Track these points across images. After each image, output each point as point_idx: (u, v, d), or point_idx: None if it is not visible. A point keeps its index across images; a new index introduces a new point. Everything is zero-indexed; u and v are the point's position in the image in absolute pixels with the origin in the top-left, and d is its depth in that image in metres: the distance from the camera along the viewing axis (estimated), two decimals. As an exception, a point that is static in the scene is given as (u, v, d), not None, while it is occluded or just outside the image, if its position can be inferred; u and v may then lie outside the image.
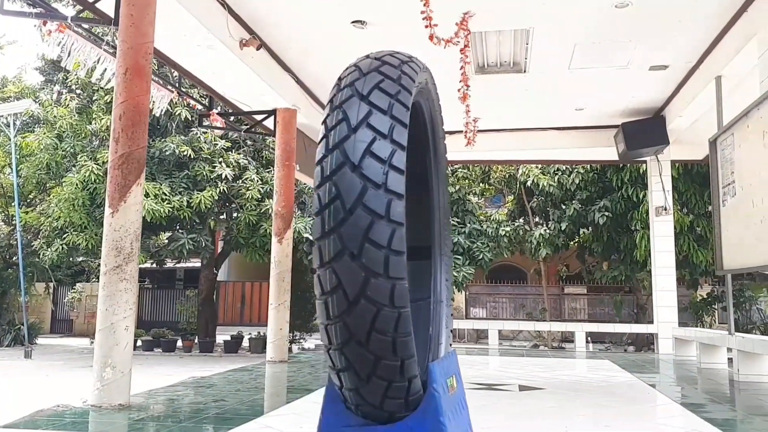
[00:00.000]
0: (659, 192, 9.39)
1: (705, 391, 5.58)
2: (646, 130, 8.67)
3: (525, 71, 7.22)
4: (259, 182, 12.64)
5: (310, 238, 13.53)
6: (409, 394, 1.44)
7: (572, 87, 7.81)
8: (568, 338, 15.94)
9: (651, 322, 12.37)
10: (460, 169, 14.67)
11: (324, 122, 1.48)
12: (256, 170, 12.93)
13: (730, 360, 7.17)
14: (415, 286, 1.78)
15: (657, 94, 8.06)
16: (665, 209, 9.37)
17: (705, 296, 14.70)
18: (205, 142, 12.36)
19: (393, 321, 1.36)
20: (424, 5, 4.77)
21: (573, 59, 6.90)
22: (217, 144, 12.46)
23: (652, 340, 13.90)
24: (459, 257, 13.07)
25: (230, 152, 12.80)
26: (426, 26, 4.89)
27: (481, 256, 13.40)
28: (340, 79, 1.58)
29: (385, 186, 1.37)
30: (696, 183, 12.61)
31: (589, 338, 10.87)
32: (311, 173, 8.79)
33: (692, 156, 10.19)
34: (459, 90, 6.12)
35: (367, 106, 1.44)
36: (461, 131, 9.21)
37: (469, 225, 13.88)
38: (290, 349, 10.33)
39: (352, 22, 6.00)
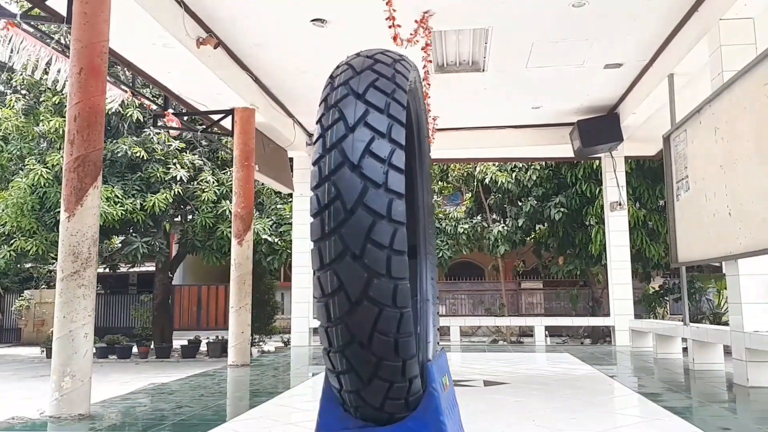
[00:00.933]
0: (614, 188, 9.62)
1: (663, 381, 5.73)
2: (600, 128, 8.86)
3: (484, 70, 7.28)
4: (215, 183, 12.44)
5: (268, 238, 13.42)
6: (410, 394, 1.42)
7: (529, 85, 7.92)
8: (526, 332, 16.20)
9: (606, 314, 12.68)
10: (418, 168, 14.71)
11: (319, 122, 1.43)
12: (211, 171, 12.72)
13: (684, 350, 7.39)
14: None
15: (611, 91, 8.24)
16: (620, 204, 9.60)
17: (657, 288, 15.13)
18: (158, 143, 12.08)
19: (395, 321, 1.34)
20: (387, 5, 4.75)
21: (530, 58, 6.99)
22: (171, 145, 12.20)
23: (608, 332, 14.25)
24: (419, 255, 13.10)
25: (185, 153, 12.55)
26: (389, 26, 4.88)
27: (440, 254, 13.48)
28: (332, 77, 1.54)
29: (386, 185, 1.34)
30: (648, 178, 12.96)
31: (546, 332, 11.05)
32: (271, 174, 8.70)
33: (645, 152, 10.48)
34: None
35: (363, 105, 1.41)
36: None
37: (428, 223, 13.94)
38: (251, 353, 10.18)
39: (312, 20, 5.95)
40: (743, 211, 4.83)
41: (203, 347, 14.31)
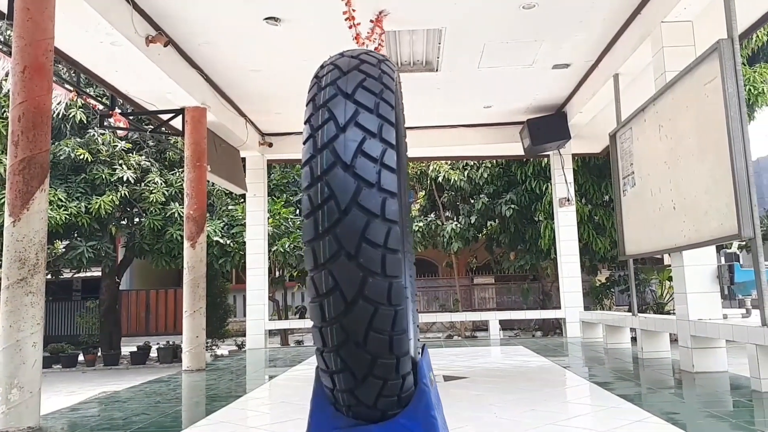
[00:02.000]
0: (562, 184, 9.86)
1: (615, 370, 5.91)
2: (549, 126, 9.07)
3: (437, 70, 7.36)
4: (164, 185, 12.18)
5: (220, 240, 13.20)
6: (402, 391, 1.44)
7: (481, 85, 8.05)
8: (479, 327, 16.46)
9: (556, 307, 13.00)
10: (371, 167, 14.74)
11: (308, 122, 1.43)
12: (159, 172, 12.45)
13: (633, 339, 7.65)
14: None
15: (559, 91, 8.45)
16: (568, 200, 9.85)
17: (604, 281, 15.60)
18: (103, 144, 11.74)
19: (390, 319, 1.35)
20: (346, 5, 4.75)
21: (482, 58, 7.10)
22: (116, 146, 11.87)
23: (558, 324, 14.60)
24: (373, 254, 13.13)
25: (131, 154, 12.23)
26: (350, 26, 4.87)
27: (394, 252, 13.52)
28: (318, 77, 1.53)
29: (379, 185, 1.36)
30: (593, 175, 13.34)
31: (500, 326, 11.25)
32: (223, 174, 8.57)
33: (591, 150, 10.79)
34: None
35: (353, 105, 1.42)
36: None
37: (381, 222, 13.98)
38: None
39: (266, 18, 5.88)
40: (687, 205, 5.04)
41: (153, 353, 14.01)
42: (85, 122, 11.66)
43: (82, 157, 11.32)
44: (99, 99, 8.25)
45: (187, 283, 7.22)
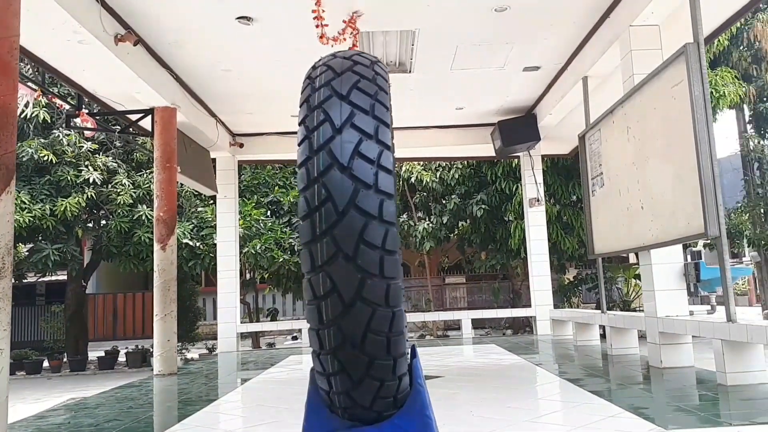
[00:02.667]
0: (532, 185, 9.99)
1: (585, 366, 6.01)
2: (519, 128, 9.18)
3: (410, 71, 7.39)
4: (131, 186, 11.98)
5: (189, 243, 13.04)
6: (399, 392, 1.44)
7: (453, 87, 8.11)
8: (451, 326, 16.57)
9: (525, 305, 13.16)
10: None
11: (303, 123, 1.42)
12: (126, 174, 12.24)
13: (602, 336, 7.79)
14: None
15: (529, 93, 8.56)
16: (538, 200, 9.98)
17: (572, 279, 15.84)
18: (68, 145, 11.49)
19: (388, 321, 1.36)
20: (316, 4, 4.74)
21: (455, 60, 7.16)
22: (82, 146, 11.64)
23: (528, 322, 14.77)
24: (345, 255, 13.13)
25: (97, 155, 12.01)
26: (317, 26, 4.86)
27: (366, 253, 13.54)
28: (311, 78, 1.52)
29: (376, 186, 1.36)
30: (562, 175, 13.53)
31: (471, 324, 11.33)
32: (193, 175, 8.47)
33: (559, 151, 10.94)
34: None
35: (349, 107, 1.41)
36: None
37: (353, 223, 13.99)
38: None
39: (237, 18, 5.84)
40: (654, 205, 5.15)
41: (122, 357, 13.77)
42: (49, 122, 11.41)
43: (46, 158, 11.08)
44: (65, 98, 8.08)
45: (158, 287, 7.12)
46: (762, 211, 13.58)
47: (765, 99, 13.99)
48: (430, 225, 14.71)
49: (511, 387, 4.93)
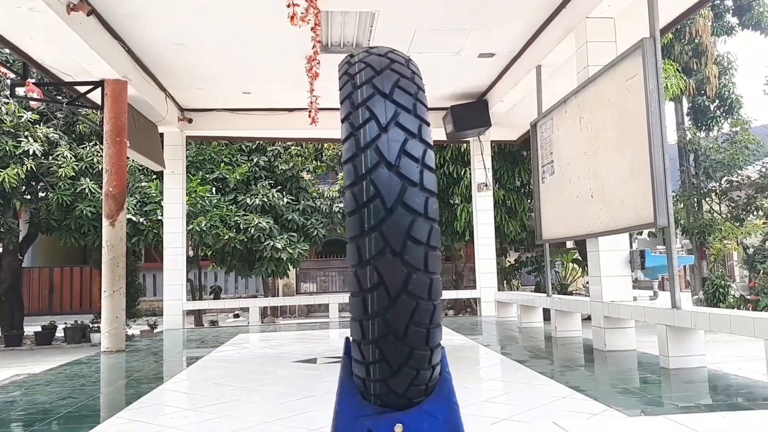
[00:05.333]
0: (481, 170, 10.20)
1: (533, 348, 6.26)
2: (471, 113, 9.33)
3: (367, 52, 7.39)
4: (74, 159, 11.56)
5: (132, 218, 12.69)
6: (430, 380, 1.51)
7: (409, 69, 8.14)
8: (395, 307, 16.76)
9: (468, 287, 13.48)
10: (293, 146, 14.63)
11: (347, 120, 1.44)
12: (68, 146, 11.79)
13: (544, 318, 8.11)
14: None
15: (482, 79, 8.70)
16: (486, 185, 10.20)
17: (513, 262, 16.29)
18: (7, 114, 10.97)
19: (429, 313, 1.41)
20: (285, -17, 4.69)
21: (412, 44, 7.21)
22: (22, 116, 11.13)
23: (469, 303, 15.15)
24: (294, 234, 13.10)
25: (38, 126, 11.51)
26: (288, 5, 4.81)
27: (315, 233, 13.55)
28: (350, 74, 1.53)
29: (422, 184, 1.40)
30: (508, 161, 13.85)
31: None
32: (142, 150, 8.27)
33: (508, 137, 11.18)
34: (310, 69, 6.12)
35: (393, 105, 1.44)
36: (301, 109, 9.23)
37: (303, 202, 13.95)
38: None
39: (196, -8, 5.71)
40: (604, 194, 5.38)
41: (60, 333, 13.38)
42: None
43: (-19, 127, 10.56)
44: (11, 67, 7.71)
45: (106, 263, 6.95)
46: (695, 200, 14.29)
47: (703, 92, 14.64)
48: (379, 206, 14.79)
49: (464, 367, 5.09)
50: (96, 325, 13.58)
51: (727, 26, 14.97)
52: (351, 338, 1.47)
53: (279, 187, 13.92)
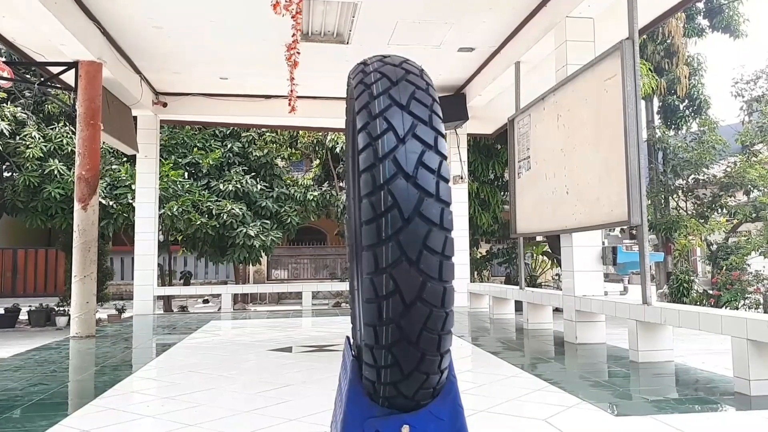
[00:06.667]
0: (456, 162, 10.27)
1: (506, 340, 6.36)
2: (449, 106, 9.38)
3: (347, 42, 7.38)
4: (42, 139, 11.31)
5: (102, 201, 12.48)
6: (438, 383, 1.55)
7: (389, 60, 8.14)
8: (365, 296, 16.81)
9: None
10: (268, 133, 14.53)
11: (365, 130, 1.45)
12: (37, 126, 11.52)
13: (516, 310, 8.24)
14: None
15: (461, 73, 8.75)
16: (461, 178, 10.28)
17: (484, 254, 16.46)
18: (-28, 92, 10.68)
19: (441, 320, 1.45)
20: (269, -28, 4.65)
21: (393, 35, 7.22)
22: (-12, 95, 10.84)
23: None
24: (267, 221, 13.03)
25: (5, 105, 11.22)
26: (272, -8, 4.78)
27: (288, 220, 13.50)
28: (365, 84, 1.54)
29: (438, 195, 1.43)
30: (482, 154, 13.94)
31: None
32: (115, 133, 8.14)
33: (484, 131, 11.28)
34: (290, 57, 6.08)
35: (410, 117, 1.47)
36: (279, 96, 9.17)
37: (276, 189, 13.88)
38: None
39: (178, -25, 5.63)
40: (580, 191, 5.48)
41: (24, 315, 13.12)
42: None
43: (-55, 103, 10.26)
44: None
45: (78, 247, 6.85)
46: (663, 197, 14.59)
47: (673, 92, 14.92)
48: (353, 195, 14.79)
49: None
50: (61, 308, 13.36)
51: (698, 28, 15.27)
52: (364, 342, 1.50)
53: (253, 174, 13.82)
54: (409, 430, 1.54)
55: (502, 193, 14.11)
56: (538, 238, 17.36)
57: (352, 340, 1.85)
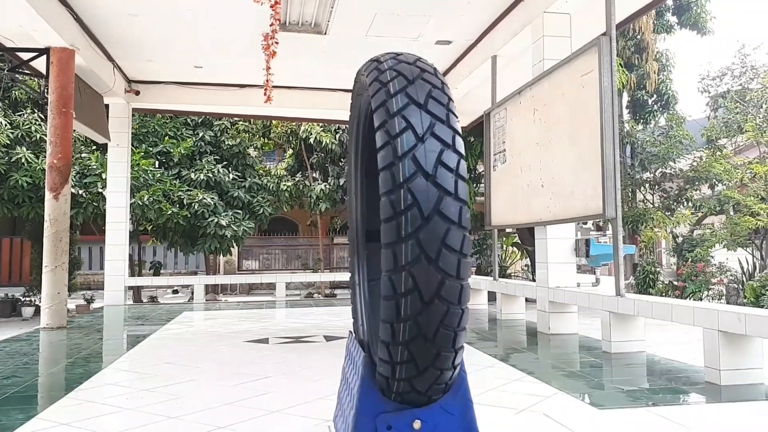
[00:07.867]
0: (432, 154, 10.32)
1: (481, 331, 6.45)
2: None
3: (325, 33, 7.35)
4: (8, 127, 11.03)
5: (71, 190, 12.22)
6: (451, 379, 1.58)
7: (366, 53, 8.01)
8: (338, 285, 16.86)
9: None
10: (241, 122, 14.38)
11: (383, 128, 1.44)
12: (3, 112, 11.24)
13: (489, 300, 8.35)
14: (377, 265, 1.86)
15: (438, 66, 8.72)
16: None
17: (456, 245, 16.59)
18: (-65, 76, 10.35)
19: (458, 317, 1.47)
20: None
21: (372, 27, 7.21)
22: (-48, 79, 10.53)
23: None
24: (239, 212, 12.94)
25: (-31, 90, 10.92)
26: (253, -17, 4.74)
27: (261, 211, 13.42)
28: (381, 82, 1.53)
29: (456, 194, 1.44)
30: (457, 146, 14.01)
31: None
32: (87, 121, 7.99)
33: (461, 123, 11.33)
34: (268, 47, 6.04)
35: (428, 116, 1.47)
36: (254, 85, 9.09)
37: (249, 179, 13.77)
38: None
39: (154, -38, 5.53)
40: (555, 184, 5.56)
41: (-12, 307, 12.83)
42: None
43: None
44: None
45: (49, 237, 6.73)
46: (630, 190, 14.87)
47: (643, 87, 15.19)
48: (327, 186, 14.77)
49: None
50: (27, 298, 13.09)
51: (667, 24, 15.54)
52: (381, 339, 1.51)
53: (225, 163, 13.69)
54: (421, 424, 1.57)
55: (475, 185, 14.21)
56: (508, 230, 17.59)
57: (355, 335, 1.86)
